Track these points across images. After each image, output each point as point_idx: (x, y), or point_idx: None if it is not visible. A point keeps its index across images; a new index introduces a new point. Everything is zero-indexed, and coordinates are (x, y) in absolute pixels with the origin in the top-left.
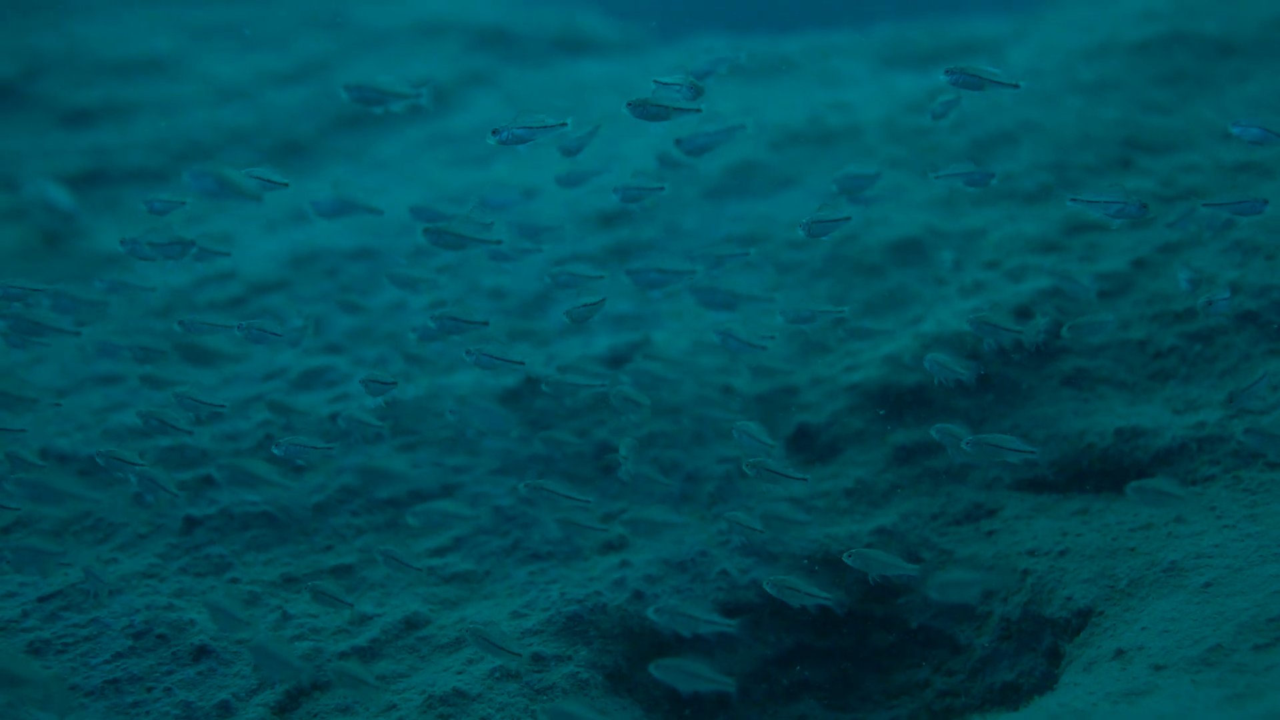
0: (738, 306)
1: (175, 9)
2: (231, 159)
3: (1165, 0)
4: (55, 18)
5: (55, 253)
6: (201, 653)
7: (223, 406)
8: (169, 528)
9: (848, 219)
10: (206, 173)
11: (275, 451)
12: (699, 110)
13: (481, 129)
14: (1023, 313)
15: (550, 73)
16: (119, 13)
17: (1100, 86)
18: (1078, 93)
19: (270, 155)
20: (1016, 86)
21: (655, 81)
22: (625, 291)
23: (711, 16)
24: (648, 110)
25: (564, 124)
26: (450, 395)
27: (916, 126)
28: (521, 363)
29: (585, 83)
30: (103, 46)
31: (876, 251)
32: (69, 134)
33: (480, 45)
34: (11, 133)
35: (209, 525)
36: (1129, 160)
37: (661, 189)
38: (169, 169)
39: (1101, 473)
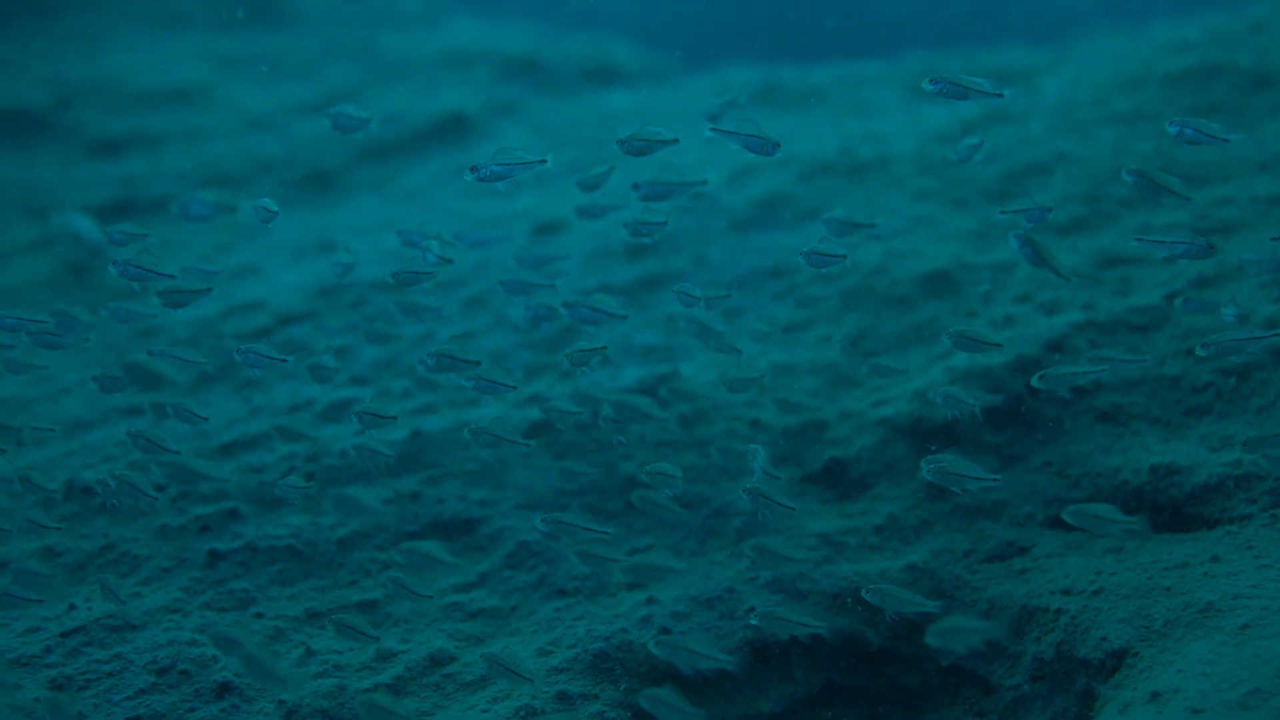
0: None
1: (204, 39)
2: (258, 189)
3: (1199, 32)
4: (86, 48)
5: (82, 284)
6: (225, 689)
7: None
8: (193, 561)
9: (843, 257)
10: (196, 199)
11: (276, 492)
12: (676, 140)
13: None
14: (1054, 347)
15: (578, 102)
16: (148, 44)
17: (1134, 118)
18: (1111, 124)
19: (297, 185)
20: (1000, 95)
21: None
22: (653, 323)
23: (739, 47)
24: (633, 146)
25: (543, 160)
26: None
27: (947, 158)
28: (513, 387)
29: (612, 112)
30: (132, 77)
31: (906, 284)
32: (97, 164)
33: (508, 75)
34: (41, 162)
35: (233, 559)
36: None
37: (664, 223)
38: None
39: (1136, 510)
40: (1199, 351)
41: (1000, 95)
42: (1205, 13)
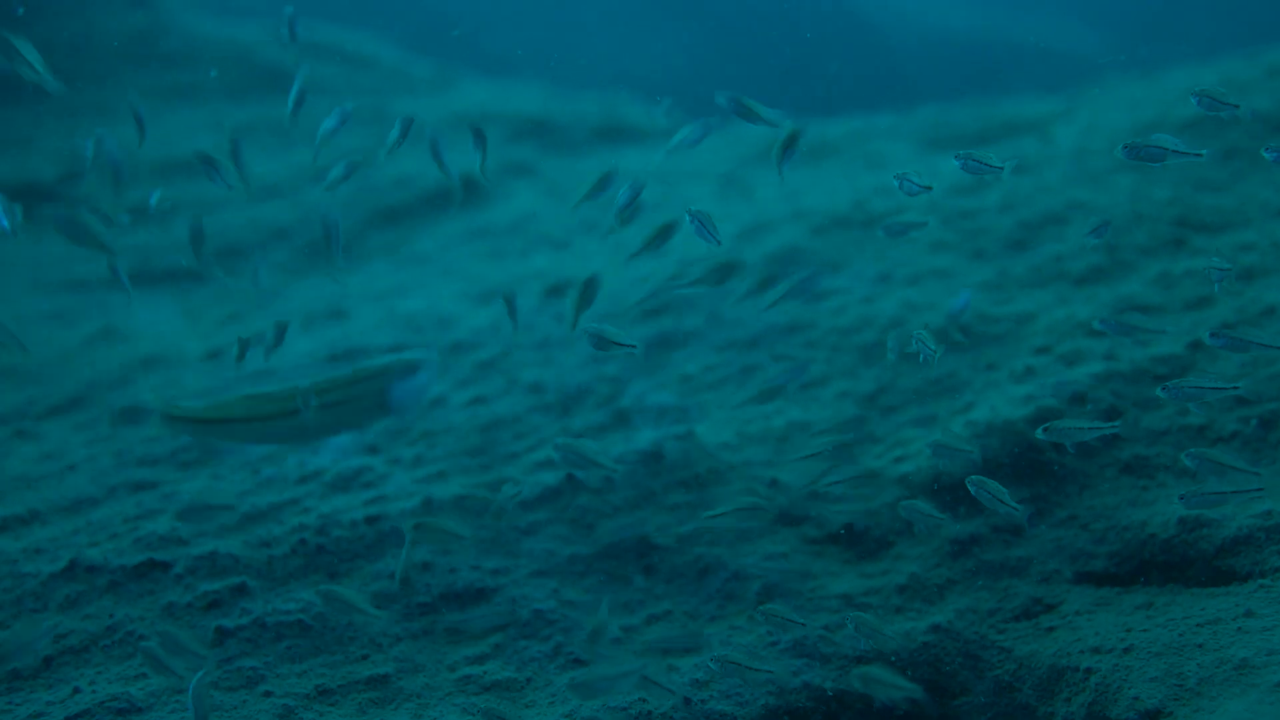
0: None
1: (216, 109)
2: (271, 258)
3: (1214, 77)
4: (98, 121)
5: (93, 356)
6: None
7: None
8: (200, 640)
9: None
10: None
11: None
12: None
13: (522, 220)
14: (1078, 399)
15: (592, 161)
16: (160, 115)
17: (1151, 165)
18: (1127, 171)
19: (309, 252)
20: (1001, 168)
21: None
22: (667, 384)
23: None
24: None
25: None
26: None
27: (962, 209)
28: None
29: (625, 171)
30: (144, 148)
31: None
32: (108, 235)
33: (520, 136)
34: (51, 236)
35: (241, 636)
36: (1182, 240)
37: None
38: (207, 268)
39: (1165, 565)
40: (1159, 393)
41: (1001, 168)
42: (1219, 60)
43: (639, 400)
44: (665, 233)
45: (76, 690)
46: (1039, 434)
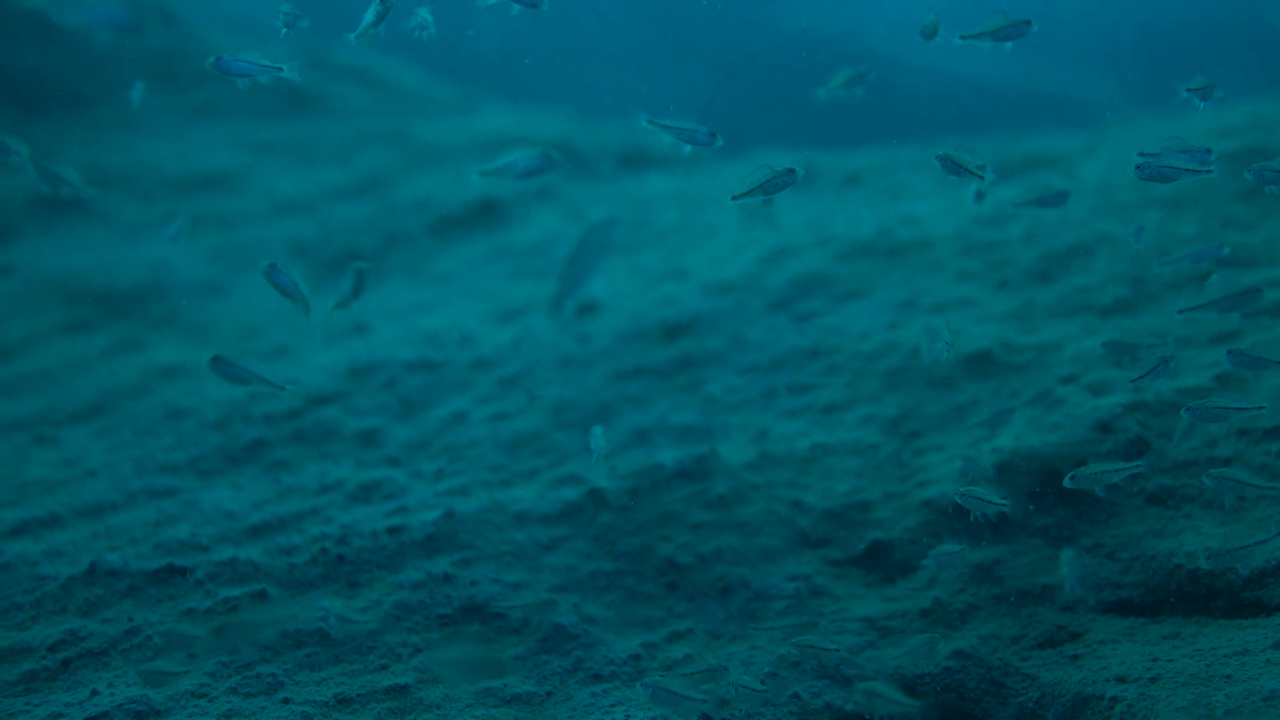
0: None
1: (239, 127)
2: (292, 271)
3: (1241, 117)
4: (122, 137)
5: (113, 366)
6: None
7: None
8: (220, 645)
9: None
10: None
11: None
12: None
13: (544, 242)
14: (1104, 428)
15: (613, 187)
16: (183, 132)
17: (1177, 202)
18: (1153, 207)
19: (330, 268)
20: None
21: None
22: (690, 404)
23: (774, 133)
24: None
25: None
26: (508, 510)
27: (988, 240)
28: None
29: (648, 196)
30: (166, 163)
31: (948, 365)
32: (129, 247)
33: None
34: (75, 247)
35: (260, 642)
36: (1209, 275)
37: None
38: (228, 281)
39: (1192, 595)
40: (1183, 414)
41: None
42: (1248, 100)
43: (662, 420)
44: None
45: (95, 693)
46: (1066, 483)
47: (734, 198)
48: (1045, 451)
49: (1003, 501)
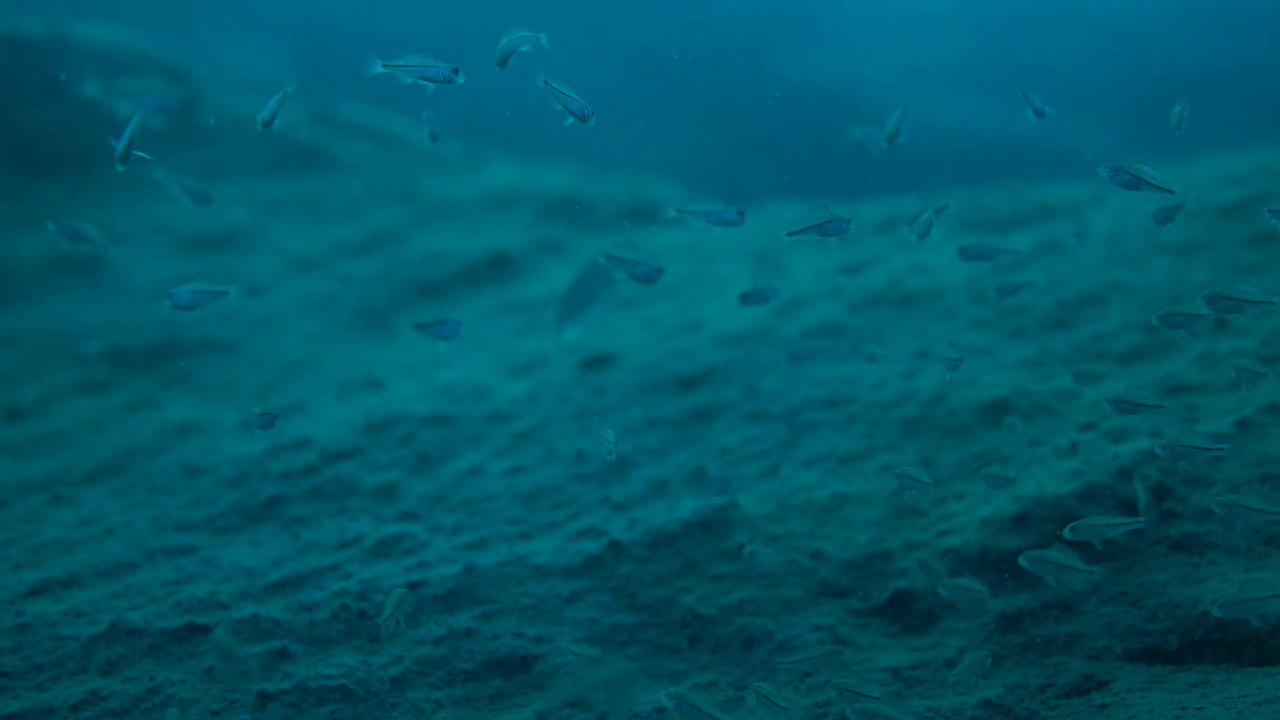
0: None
1: (248, 184)
2: (304, 329)
3: (1248, 165)
4: (132, 196)
5: (128, 425)
6: None
7: None
8: (242, 703)
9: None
10: None
11: None
12: None
13: (555, 295)
14: (1124, 475)
15: (622, 239)
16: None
17: (1188, 248)
18: (1165, 254)
19: (343, 323)
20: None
21: None
22: (707, 455)
23: (784, 185)
24: None
25: None
26: (528, 564)
27: (999, 287)
28: None
29: (658, 249)
30: (178, 222)
31: (965, 413)
32: (141, 306)
33: (551, 214)
34: (85, 307)
35: (283, 700)
36: (1224, 320)
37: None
38: (241, 339)
39: (1219, 643)
40: (1157, 450)
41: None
42: (1253, 149)
43: (679, 471)
44: None
45: None
46: (1066, 534)
47: (789, 234)
48: (1068, 500)
49: (980, 589)
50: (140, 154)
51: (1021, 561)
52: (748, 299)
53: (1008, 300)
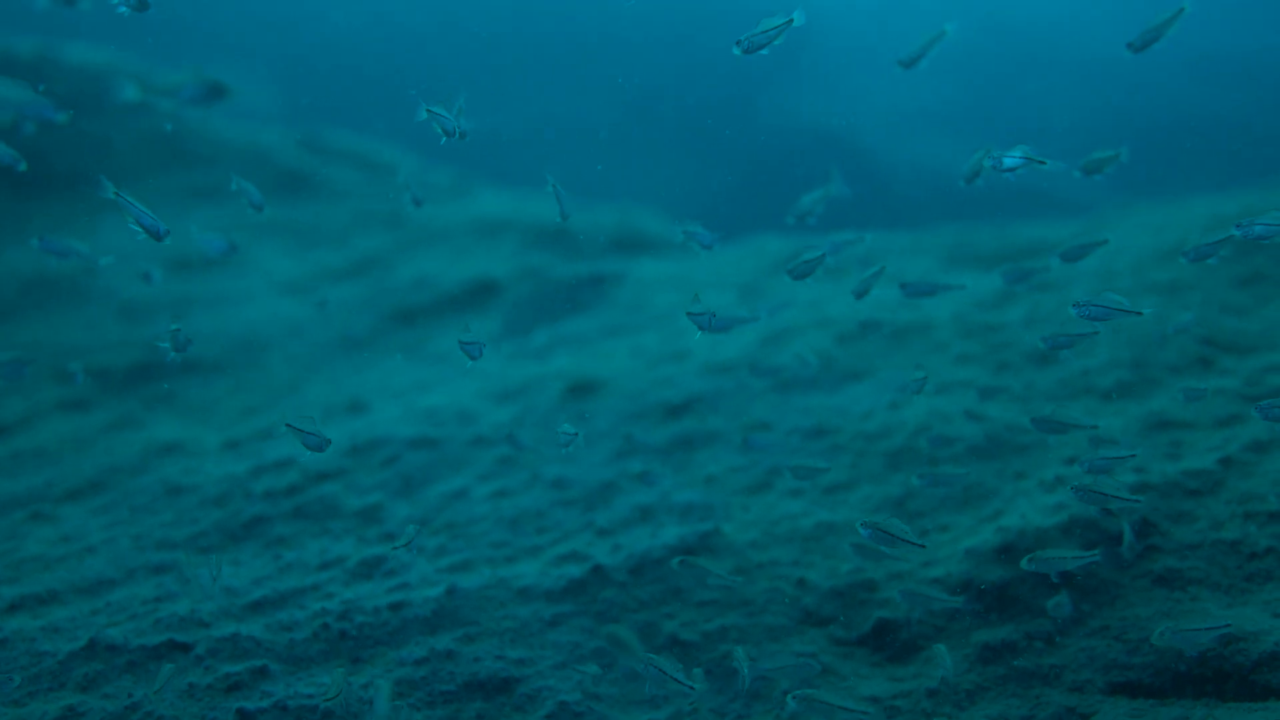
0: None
1: (235, 210)
2: (289, 352)
3: (1234, 206)
4: (120, 218)
5: (111, 444)
6: None
7: None
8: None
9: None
10: None
11: None
12: None
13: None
14: (1108, 510)
15: (608, 269)
16: (182, 213)
17: (1175, 288)
18: (1152, 293)
19: (327, 348)
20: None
21: None
22: (692, 483)
23: (770, 219)
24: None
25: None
26: (510, 586)
27: (987, 323)
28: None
29: (644, 279)
30: (166, 245)
31: (950, 445)
32: (126, 327)
33: (537, 243)
34: (71, 327)
35: (262, 719)
36: (1210, 360)
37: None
38: (225, 360)
39: (1200, 678)
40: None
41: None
42: (1238, 192)
43: (664, 498)
44: None
45: None
46: (1024, 564)
47: (790, 272)
48: (1052, 533)
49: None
50: (103, 178)
51: (1024, 564)
52: (698, 320)
53: (994, 335)
